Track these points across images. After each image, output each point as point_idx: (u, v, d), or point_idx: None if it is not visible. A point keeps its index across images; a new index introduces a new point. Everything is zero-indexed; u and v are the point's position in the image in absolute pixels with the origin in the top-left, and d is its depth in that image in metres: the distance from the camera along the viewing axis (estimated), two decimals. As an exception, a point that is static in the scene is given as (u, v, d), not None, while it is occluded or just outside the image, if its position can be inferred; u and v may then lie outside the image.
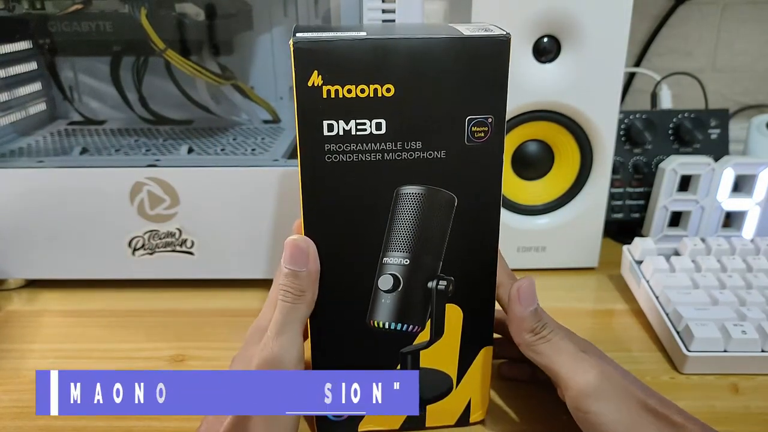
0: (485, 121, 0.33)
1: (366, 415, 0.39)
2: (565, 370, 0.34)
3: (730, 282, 0.50)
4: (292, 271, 0.35)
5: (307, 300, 0.35)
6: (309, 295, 0.36)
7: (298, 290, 0.35)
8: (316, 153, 0.33)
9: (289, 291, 0.35)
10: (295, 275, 0.35)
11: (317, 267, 0.35)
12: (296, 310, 0.35)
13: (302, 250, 0.35)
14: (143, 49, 0.64)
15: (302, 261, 0.35)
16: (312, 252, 0.35)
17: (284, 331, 0.35)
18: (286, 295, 0.35)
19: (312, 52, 0.31)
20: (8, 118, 0.64)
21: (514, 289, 0.36)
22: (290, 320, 0.35)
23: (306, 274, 0.35)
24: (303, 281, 0.35)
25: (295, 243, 0.35)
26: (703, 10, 0.82)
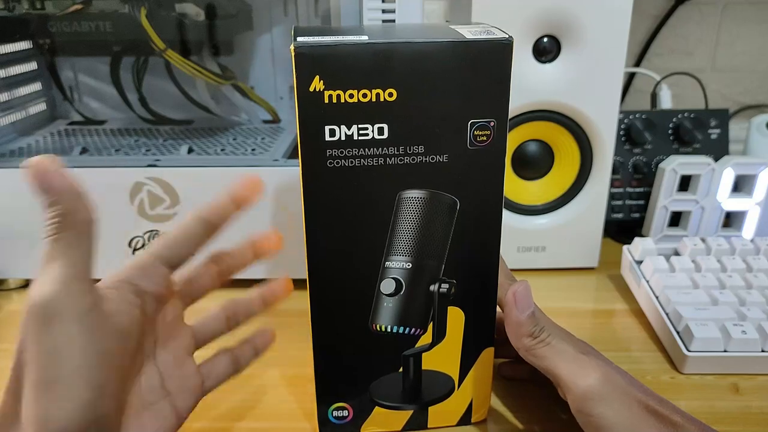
0: (488, 125, 0.33)
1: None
2: (567, 373, 0.34)
3: (730, 282, 0.50)
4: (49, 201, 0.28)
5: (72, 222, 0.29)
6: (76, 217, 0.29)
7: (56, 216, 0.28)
8: (318, 158, 0.32)
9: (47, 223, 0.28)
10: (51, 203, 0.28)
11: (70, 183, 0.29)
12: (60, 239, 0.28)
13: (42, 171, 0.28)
14: (143, 49, 0.64)
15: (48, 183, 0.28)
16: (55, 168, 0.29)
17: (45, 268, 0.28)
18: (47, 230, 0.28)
19: (313, 57, 0.30)
20: (8, 118, 0.64)
21: (509, 294, 0.36)
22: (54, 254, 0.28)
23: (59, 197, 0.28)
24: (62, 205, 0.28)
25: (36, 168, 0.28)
26: (703, 10, 0.82)
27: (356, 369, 0.38)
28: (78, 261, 0.29)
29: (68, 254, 0.29)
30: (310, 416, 0.41)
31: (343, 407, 0.39)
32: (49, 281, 0.28)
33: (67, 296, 0.28)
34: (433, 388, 0.39)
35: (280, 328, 0.51)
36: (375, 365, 0.38)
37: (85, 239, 0.30)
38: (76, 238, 0.29)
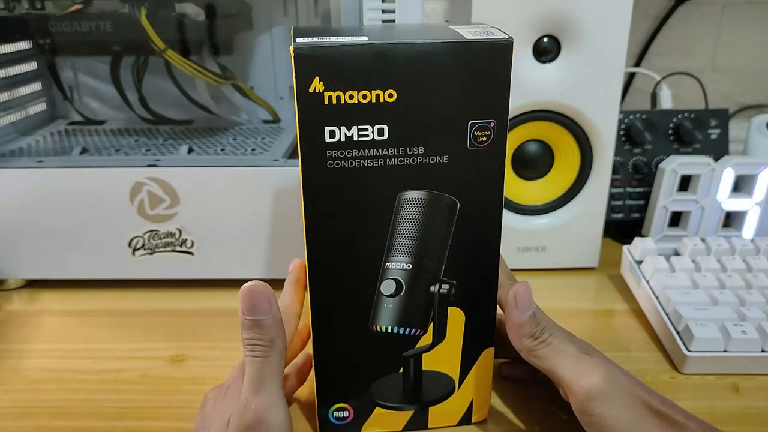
0: (488, 126, 0.33)
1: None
2: (569, 374, 0.34)
3: (730, 282, 0.50)
4: (254, 321, 0.32)
5: (278, 349, 0.33)
6: (279, 343, 0.33)
7: (267, 341, 0.33)
8: (318, 159, 0.32)
9: (257, 344, 0.33)
10: (259, 325, 0.33)
11: (279, 311, 0.33)
12: (270, 363, 0.33)
13: (261, 295, 0.33)
14: (143, 49, 0.64)
15: (264, 308, 0.32)
16: (272, 296, 0.33)
17: (263, 389, 0.32)
18: (255, 349, 0.33)
19: (313, 58, 0.30)
20: (8, 118, 0.64)
21: (510, 294, 0.36)
22: (267, 376, 0.33)
23: (271, 322, 0.33)
24: (269, 330, 0.33)
25: (252, 290, 0.32)
26: (703, 10, 0.82)
27: (357, 369, 0.38)
28: (282, 384, 0.33)
29: (279, 377, 0.33)
30: (311, 416, 0.41)
31: (343, 408, 0.39)
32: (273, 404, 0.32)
33: (288, 421, 0.33)
34: (434, 389, 0.39)
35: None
36: (375, 366, 0.38)
37: (283, 364, 0.34)
38: (281, 363, 0.33)
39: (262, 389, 0.32)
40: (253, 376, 0.32)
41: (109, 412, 0.42)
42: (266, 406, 0.32)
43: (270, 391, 0.32)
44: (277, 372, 0.33)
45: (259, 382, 0.32)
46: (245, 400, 0.32)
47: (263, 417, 0.32)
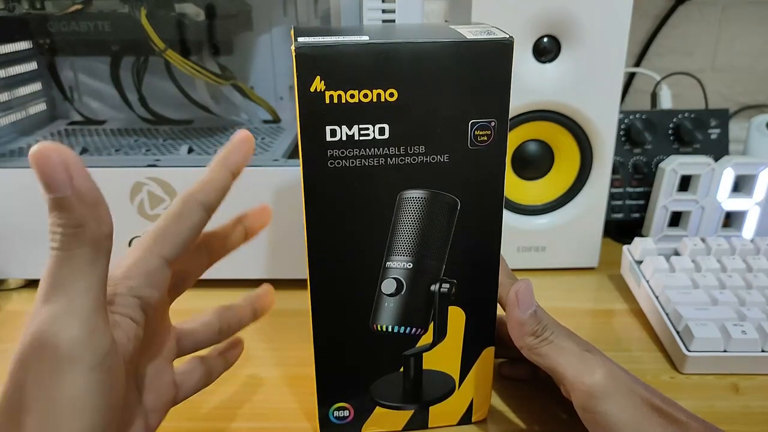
0: (488, 125, 0.33)
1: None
2: (571, 372, 0.34)
3: (730, 282, 0.50)
4: (54, 199, 0.24)
5: (88, 237, 0.24)
6: (92, 229, 0.24)
7: (71, 226, 0.24)
8: (319, 159, 0.32)
9: (56, 232, 0.24)
10: (59, 205, 0.24)
11: (90, 184, 0.25)
12: (73, 258, 0.24)
13: (53, 163, 0.23)
14: (143, 49, 0.64)
15: (61, 180, 0.23)
16: (73, 163, 0.24)
17: (54, 294, 0.24)
18: (54, 239, 0.24)
19: (314, 57, 0.30)
20: (8, 118, 0.64)
21: (511, 293, 0.36)
22: (65, 275, 0.24)
23: (73, 198, 0.24)
24: (73, 210, 0.24)
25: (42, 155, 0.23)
26: (703, 10, 0.82)
27: (357, 369, 0.38)
28: (96, 287, 0.25)
29: (85, 278, 0.25)
30: (311, 416, 0.41)
31: (344, 407, 0.39)
32: (64, 313, 0.24)
33: (88, 336, 0.25)
34: (434, 388, 0.39)
35: (280, 328, 0.51)
36: (376, 365, 0.38)
37: (103, 259, 0.25)
38: (93, 257, 0.25)
39: (53, 294, 0.24)
40: (46, 277, 0.24)
41: (110, 411, 0.42)
42: (55, 318, 0.24)
43: (66, 297, 0.24)
44: (84, 270, 0.24)
45: (53, 284, 0.24)
46: (32, 314, 0.25)
47: (46, 332, 0.24)
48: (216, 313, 0.38)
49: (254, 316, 0.39)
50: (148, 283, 0.29)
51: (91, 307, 0.25)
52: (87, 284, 0.25)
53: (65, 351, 0.24)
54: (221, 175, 0.32)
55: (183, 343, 0.35)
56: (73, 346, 0.24)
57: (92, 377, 0.25)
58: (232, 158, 0.32)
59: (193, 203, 0.31)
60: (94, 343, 0.25)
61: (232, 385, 0.44)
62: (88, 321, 0.25)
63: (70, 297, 0.24)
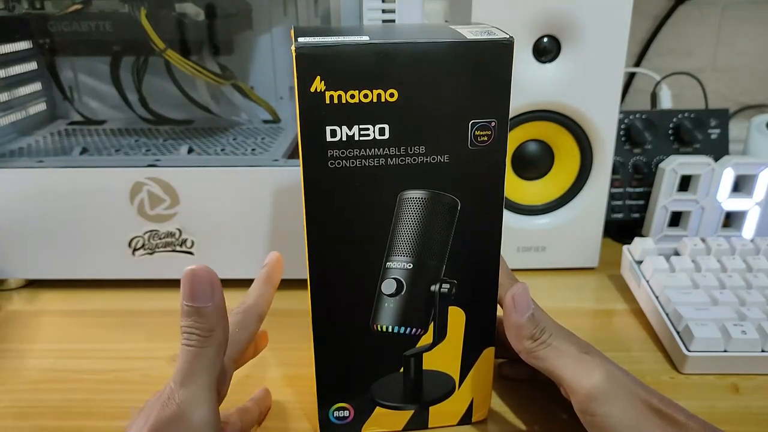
0: (488, 125, 0.33)
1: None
2: (570, 374, 0.34)
3: (730, 282, 0.50)
4: (194, 308, 0.30)
5: (216, 340, 0.31)
6: (219, 335, 0.31)
7: (205, 330, 0.30)
8: (319, 159, 0.32)
9: (193, 332, 0.30)
10: (199, 312, 0.30)
11: (223, 299, 0.31)
12: (204, 354, 0.30)
13: (203, 280, 0.30)
14: (143, 49, 0.64)
15: (206, 294, 0.30)
16: (216, 282, 0.31)
17: (190, 382, 0.30)
18: (191, 338, 0.30)
19: (315, 57, 0.30)
20: (8, 118, 0.64)
21: (508, 297, 0.36)
22: (198, 368, 0.30)
23: (212, 310, 0.31)
24: (209, 319, 0.31)
25: (195, 274, 0.30)
26: (703, 10, 0.82)
27: (357, 369, 0.38)
28: (216, 379, 0.31)
29: (212, 371, 0.31)
30: (311, 416, 0.41)
31: (344, 407, 0.39)
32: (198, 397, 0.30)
33: (212, 417, 0.30)
34: (434, 388, 0.39)
35: (280, 328, 0.51)
36: (376, 365, 0.38)
37: (222, 357, 0.31)
38: (217, 356, 0.31)
39: (189, 381, 0.30)
40: (183, 366, 0.30)
41: (109, 412, 0.42)
42: (191, 400, 0.30)
43: (198, 384, 0.30)
44: (210, 365, 0.31)
45: (188, 373, 0.30)
46: (169, 392, 0.30)
47: (185, 411, 0.29)
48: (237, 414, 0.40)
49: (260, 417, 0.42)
50: (225, 382, 0.35)
51: (214, 395, 0.31)
52: (213, 376, 0.31)
53: (197, 427, 0.30)
54: (268, 290, 0.39)
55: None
56: (203, 425, 0.30)
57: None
58: (274, 276, 0.39)
59: (254, 315, 0.38)
60: (214, 423, 0.31)
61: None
62: (212, 405, 0.31)
63: (201, 385, 0.30)
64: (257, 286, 0.39)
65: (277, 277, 0.40)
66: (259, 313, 0.38)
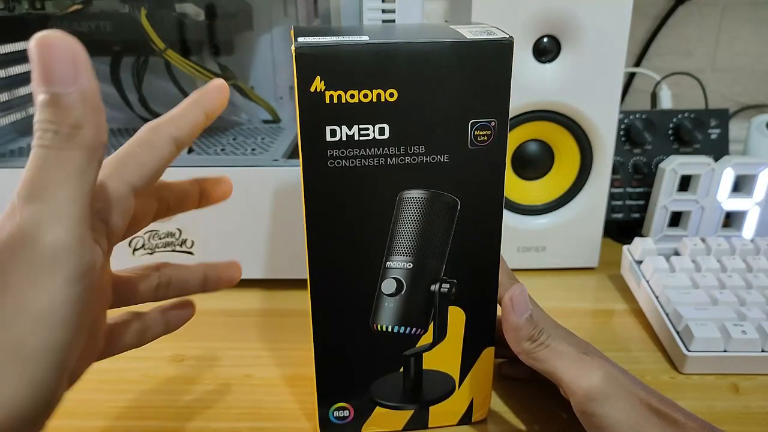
0: (488, 125, 0.33)
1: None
2: (568, 375, 0.34)
3: (730, 282, 0.50)
4: (50, 95, 0.22)
5: (84, 141, 0.23)
6: (88, 134, 0.23)
7: (67, 126, 0.22)
8: (319, 159, 0.32)
9: (48, 128, 0.22)
10: (57, 102, 0.22)
11: (94, 85, 0.23)
12: (64, 159, 0.22)
13: (63, 55, 0.22)
14: (143, 49, 0.64)
15: (66, 75, 0.22)
16: (82, 59, 0.23)
17: (41, 194, 0.22)
18: (44, 136, 0.22)
19: (314, 57, 0.30)
20: (8, 118, 0.64)
21: (506, 298, 0.36)
22: (54, 177, 0.22)
23: (77, 98, 0.22)
24: (73, 110, 0.22)
25: (48, 44, 0.22)
26: (703, 10, 0.82)
27: (357, 369, 0.38)
28: (85, 195, 0.23)
29: (76, 184, 0.23)
30: (311, 416, 0.41)
31: (344, 407, 0.39)
32: (51, 215, 0.22)
33: (75, 244, 0.23)
34: (434, 388, 0.39)
35: (280, 328, 0.51)
36: (376, 365, 0.38)
37: (95, 167, 0.24)
38: (87, 164, 0.23)
39: (40, 194, 0.22)
40: (31, 175, 0.22)
41: (109, 412, 0.42)
42: (40, 217, 0.22)
43: (54, 199, 0.22)
44: (75, 175, 0.23)
45: (38, 184, 0.22)
46: (10, 209, 0.22)
47: (30, 234, 0.22)
48: (155, 266, 0.33)
49: (204, 286, 0.35)
50: (115, 209, 0.26)
51: (80, 216, 0.23)
52: (77, 190, 0.23)
53: (48, 255, 0.22)
54: (194, 112, 0.30)
55: (118, 294, 0.31)
56: (57, 252, 0.22)
57: (71, 290, 0.23)
58: (206, 99, 0.30)
59: (165, 134, 0.28)
60: (79, 252, 0.23)
61: (232, 385, 0.44)
62: (75, 229, 0.23)
63: (58, 200, 0.22)
64: (180, 106, 0.30)
65: (211, 103, 0.30)
66: (173, 134, 0.29)
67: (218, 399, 0.43)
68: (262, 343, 0.49)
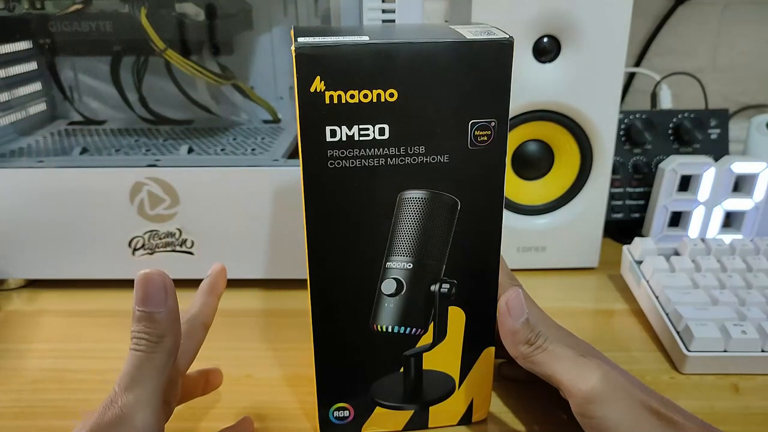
0: (488, 125, 0.33)
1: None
2: (567, 378, 0.34)
3: (730, 282, 0.50)
4: (146, 313, 0.30)
5: (166, 346, 0.30)
6: (169, 341, 0.31)
7: (156, 336, 0.30)
8: (319, 159, 0.32)
9: (143, 337, 0.30)
10: (151, 318, 0.30)
11: (176, 305, 0.31)
12: (152, 360, 0.30)
13: (157, 285, 0.30)
14: (143, 49, 0.64)
15: (159, 299, 0.30)
16: (170, 287, 0.31)
17: (136, 386, 0.29)
18: (140, 343, 0.30)
19: (314, 57, 0.30)
20: (8, 118, 0.64)
21: (502, 302, 0.36)
22: (145, 373, 0.30)
23: (165, 315, 0.30)
24: (161, 324, 0.30)
25: (149, 278, 0.30)
26: (703, 10, 0.82)
27: (357, 369, 0.38)
28: (163, 385, 0.30)
29: (159, 377, 0.30)
30: (311, 416, 0.41)
31: (344, 407, 0.39)
32: (143, 402, 0.29)
33: (156, 423, 0.29)
34: (434, 388, 0.39)
35: (280, 328, 0.51)
36: (376, 365, 0.38)
37: (171, 364, 0.31)
38: (166, 362, 0.30)
39: (135, 386, 0.29)
40: (130, 370, 0.30)
41: (110, 412, 0.42)
42: (135, 404, 0.29)
43: (144, 389, 0.29)
44: (158, 371, 0.30)
45: (134, 377, 0.29)
46: (113, 395, 0.29)
47: (128, 415, 0.29)
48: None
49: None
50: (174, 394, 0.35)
51: (160, 401, 0.30)
52: (159, 382, 0.30)
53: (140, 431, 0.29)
54: (212, 300, 0.38)
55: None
56: (144, 429, 0.29)
57: None
58: (217, 285, 0.39)
59: (198, 324, 0.37)
60: (157, 428, 0.30)
61: (232, 386, 0.44)
62: (156, 411, 0.30)
63: (147, 390, 0.29)
64: (200, 295, 0.39)
65: (220, 286, 0.39)
66: (204, 322, 0.37)
67: (218, 399, 0.43)
68: (262, 343, 0.49)
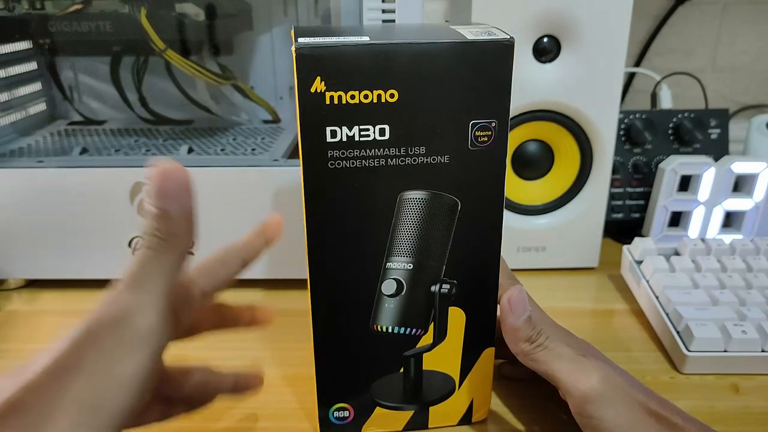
0: (489, 125, 0.33)
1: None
2: (566, 377, 0.34)
3: (730, 282, 0.50)
4: (162, 211, 0.27)
5: (178, 246, 0.28)
6: (182, 241, 0.28)
7: (167, 234, 0.27)
8: (319, 159, 0.32)
9: (155, 234, 0.27)
10: (165, 215, 0.27)
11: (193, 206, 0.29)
12: (161, 259, 0.27)
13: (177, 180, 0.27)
14: (143, 49, 0.64)
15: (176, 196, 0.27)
16: (189, 184, 0.28)
17: (141, 285, 0.27)
18: (150, 240, 0.27)
19: (315, 58, 0.30)
20: (8, 118, 0.64)
21: (504, 300, 0.36)
22: (152, 272, 0.27)
23: (180, 213, 0.28)
24: (174, 222, 0.28)
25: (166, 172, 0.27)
26: (703, 10, 0.82)
27: (357, 369, 0.38)
28: (171, 289, 0.28)
29: (168, 279, 0.28)
30: (311, 416, 0.41)
31: (344, 407, 0.39)
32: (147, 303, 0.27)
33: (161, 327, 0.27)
34: (434, 388, 0.39)
35: (280, 328, 0.51)
36: (376, 365, 0.38)
37: (182, 266, 0.29)
38: (177, 264, 0.28)
39: (140, 285, 0.27)
40: (134, 269, 0.27)
41: (110, 412, 0.42)
42: (138, 305, 0.26)
43: (150, 290, 0.27)
44: (167, 272, 0.27)
45: (140, 276, 0.27)
46: (114, 293, 0.27)
47: (129, 316, 0.26)
48: (200, 369, 0.38)
49: (234, 391, 0.39)
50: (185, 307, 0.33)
51: (167, 305, 0.28)
52: (167, 284, 0.28)
53: (142, 334, 0.27)
54: (259, 240, 0.36)
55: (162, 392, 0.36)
56: (149, 333, 0.27)
57: (151, 362, 0.27)
58: (269, 231, 0.36)
59: (236, 256, 0.35)
60: (163, 335, 0.28)
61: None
62: (161, 316, 0.27)
63: (153, 291, 0.27)
64: (249, 235, 0.36)
65: (272, 234, 0.36)
66: (244, 257, 0.35)
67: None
68: (262, 343, 0.49)
